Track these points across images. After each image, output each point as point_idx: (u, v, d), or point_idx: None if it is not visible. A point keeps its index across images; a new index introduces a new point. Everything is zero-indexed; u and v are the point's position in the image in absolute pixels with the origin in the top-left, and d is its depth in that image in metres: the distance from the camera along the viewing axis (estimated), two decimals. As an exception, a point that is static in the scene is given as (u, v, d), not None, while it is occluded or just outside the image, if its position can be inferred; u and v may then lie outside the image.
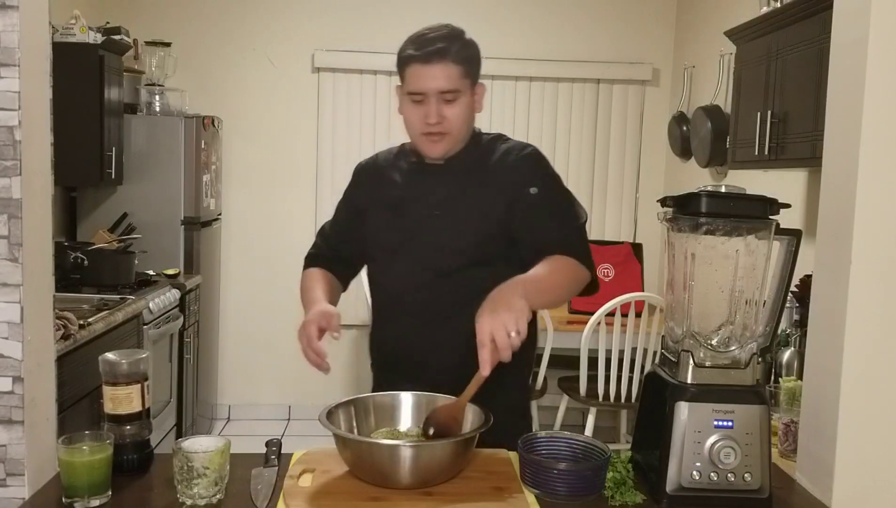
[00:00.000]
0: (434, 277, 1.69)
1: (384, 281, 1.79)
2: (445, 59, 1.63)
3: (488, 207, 1.70)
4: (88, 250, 3.50)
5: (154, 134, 4.08)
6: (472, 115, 1.73)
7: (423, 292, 1.70)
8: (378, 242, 1.78)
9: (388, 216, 1.76)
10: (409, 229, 1.73)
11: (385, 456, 1.31)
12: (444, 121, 1.65)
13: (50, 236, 1.45)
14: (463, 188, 1.72)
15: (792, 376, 2.46)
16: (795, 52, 2.67)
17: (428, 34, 1.66)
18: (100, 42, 3.61)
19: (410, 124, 1.70)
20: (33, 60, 1.36)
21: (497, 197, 1.70)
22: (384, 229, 1.77)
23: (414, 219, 1.73)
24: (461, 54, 1.66)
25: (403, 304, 1.74)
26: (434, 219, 1.71)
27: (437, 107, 1.65)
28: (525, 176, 1.72)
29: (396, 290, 1.75)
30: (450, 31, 1.69)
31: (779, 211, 1.39)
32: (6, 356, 1.32)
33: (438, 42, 1.64)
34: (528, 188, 1.70)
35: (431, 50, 1.63)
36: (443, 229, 1.70)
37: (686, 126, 4.31)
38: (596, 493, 1.34)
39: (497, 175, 1.72)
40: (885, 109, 1.35)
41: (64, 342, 2.54)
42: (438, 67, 1.63)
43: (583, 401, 3.70)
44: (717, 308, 1.41)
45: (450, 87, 1.64)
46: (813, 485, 1.45)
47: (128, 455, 1.39)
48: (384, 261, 1.78)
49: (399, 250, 1.74)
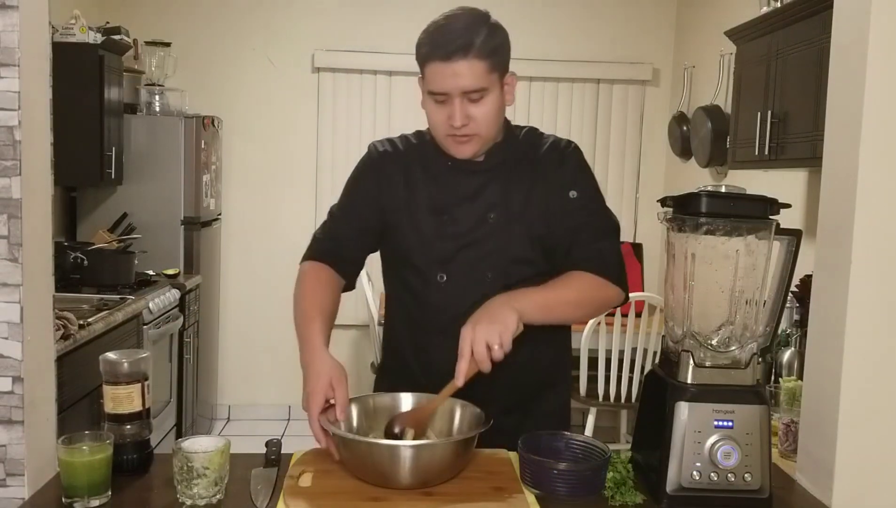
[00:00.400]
0: (501, 289, 1.50)
1: (431, 294, 1.60)
2: (469, 54, 1.46)
3: (545, 208, 1.58)
4: (88, 250, 3.50)
5: (154, 134, 4.08)
6: (503, 109, 1.57)
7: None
8: (425, 251, 1.60)
9: (437, 222, 1.59)
10: (463, 236, 1.58)
11: (385, 457, 1.31)
12: (470, 122, 1.51)
13: (50, 236, 1.44)
14: (514, 188, 1.59)
15: (792, 376, 2.46)
16: (795, 52, 2.67)
17: (448, 24, 1.49)
18: (100, 42, 3.61)
19: (434, 125, 1.56)
20: (33, 60, 1.36)
21: (550, 197, 1.59)
22: (433, 236, 1.59)
23: (468, 225, 1.58)
24: (487, 46, 1.47)
25: (458, 320, 1.44)
26: (492, 225, 1.58)
27: (462, 107, 1.49)
28: (566, 176, 1.61)
29: (448, 304, 1.57)
30: (472, 18, 1.51)
31: (779, 211, 1.39)
32: (6, 356, 1.32)
33: (460, 35, 1.46)
34: (567, 190, 1.59)
35: (452, 46, 1.46)
36: (503, 236, 1.57)
37: (686, 126, 4.31)
38: (596, 493, 1.34)
39: (545, 173, 1.60)
40: (885, 109, 1.35)
41: (64, 342, 2.54)
42: (462, 65, 1.46)
43: (583, 401, 3.70)
44: (717, 308, 1.40)
45: (475, 86, 1.48)
46: (813, 485, 1.45)
47: (128, 455, 1.39)
48: (431, 272, 1.59)
49: (452, 260, 1.58)
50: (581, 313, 1.59)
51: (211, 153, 4.34)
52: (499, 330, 1.35)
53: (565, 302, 1.53)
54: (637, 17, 4.81)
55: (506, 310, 1.39)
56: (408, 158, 1.66)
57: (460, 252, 1.58)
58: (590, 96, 4.80)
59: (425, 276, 1.60)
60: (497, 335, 1.35)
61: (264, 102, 4.73)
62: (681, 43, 4.76)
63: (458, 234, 1.58)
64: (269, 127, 4.72)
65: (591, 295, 1.56)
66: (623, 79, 4.78)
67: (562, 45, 4.77)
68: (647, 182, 4.88)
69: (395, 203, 1.63)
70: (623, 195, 4.87)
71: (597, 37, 4.79)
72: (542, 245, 1.59)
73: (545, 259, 1.59)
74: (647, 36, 4.82)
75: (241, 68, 4.70)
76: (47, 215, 1.43)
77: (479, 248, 1.58)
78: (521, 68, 5.21)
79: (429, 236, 1.59)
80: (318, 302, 1.57)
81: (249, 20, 4.68)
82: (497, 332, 1.35)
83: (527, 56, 4.70)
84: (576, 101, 4.80)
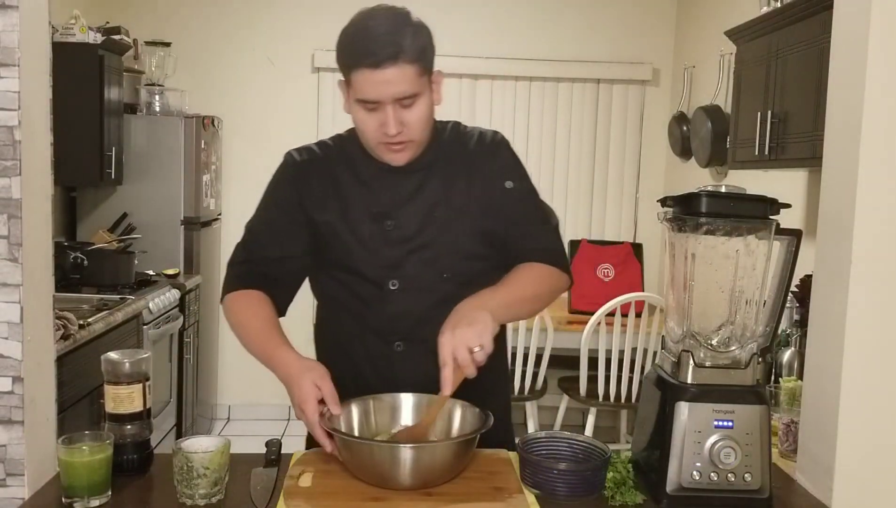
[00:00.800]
0: (457, 287, 1.49)
1: (386, 302, 1.53)
2: (399, 60, 1.39)
3: (486, 201, 1.55)
4: (88, 250, 3.50)
5: (154, 134, 4.08)
6: (433, 110, 1.51)
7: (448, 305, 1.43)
8: (373, 260, 1.53)
9: (380, 229, 1.53)
10: (411, 239, 1.52)
11: (386, 458, 1.30)
12: (405, 129, 1.45)
13: (50, 236, 1.44)
14: (453, 184, 1.55)
15: (792, 376, 2.46)
16: (795, 52, 2.67)
17: (372, 28, 1.41)
18: (100, 42, 3.61)
19: (365, 133, 1.48)
20: (33, 60, 1.36)
21: (489, 190, 1.55)
22: (379, 244, 1.52)
23: (415, 227, 1.53)
24: (414, 49, 1.41)
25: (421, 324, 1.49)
26: (439, 222, 1.53)
27: (395, 114, 1.43)
28: (500, 168, 1.58)
29: (407, 310, 1.53)
30: (395, 18, 1.43)
31: (779, 211, 1.39)
32: (6, 356, 1.32)
33: (387, 40, 1.39)
34: (503, 181, 1.56)
35: (382, 54, 1.38)
36: (452, 232, 1.53)
37: (686, 126, 4.31)
38: (596, 493, 1.34)
39: (480, 166, 1.56)
40: (885, 109, 1.35)
41: (64, 342, 2.54)
42: (393, 71, 1.39)
43: (583, 401, 3.70)
44: (717, 308, 1.41)
45: (408, 92, 1.42)
46: (813, 485, 1.45)
47: (128, 455, 1.39)
48: (382, 280, 1.53)
49: (403, 265, 1.52)
50: (539, 306, 1.59)
51: (211, 153, 4.34)
52: (479, 331, 1.34)
53: (525, 298, 1.52)
54: (637, 17, 4.81)
55: (480, 312, 1.38)
56: (332, 164, 1.58)
57: (411, 256, 1.52)
58: (590, 96, 4.80)
59: (376, 284, 1.53)
60: (477, 337, 1.34)
61: (264, 102, 4.73)
62: (681, 43, 4.76)
63: (406, 238, 1.53)
64: (269, 127, 4.72)
65: (546, 287, 1.56)
66: (623, 79, 4.78)
67: (562, 45, 4.77)
68: (647, 182, 4.88)
69: (326, 214, 1.55)
70: (623, 195, 4.87)
71: (597, 37, 4.79)
72: (490, 239, 1.56)
73: (496, 253, 1.57)
74: (647, 36, 4.82)
75: (241, 68, 4.70)
76: (47, 215, 1.43)
77: (430, 249, 1.53)
78: (521, 68, 5.21)
79: (373, 245, 1.53)
80: (264, 317, 1.52)
81: (249, 20, 4.68)
82: (477, 333, 1.34)
83: (527, 56, 4.71)
84: (576, 101, 4.80)
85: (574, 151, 4.82)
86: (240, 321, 1.54)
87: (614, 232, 4.83)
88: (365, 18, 1.44)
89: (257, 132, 4.72)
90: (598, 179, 4.85)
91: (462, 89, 4.71)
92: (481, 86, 4.74)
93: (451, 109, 4.65)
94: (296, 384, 1.41)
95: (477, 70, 4.67)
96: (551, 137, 4.80)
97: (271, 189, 1.62)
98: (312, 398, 1.38)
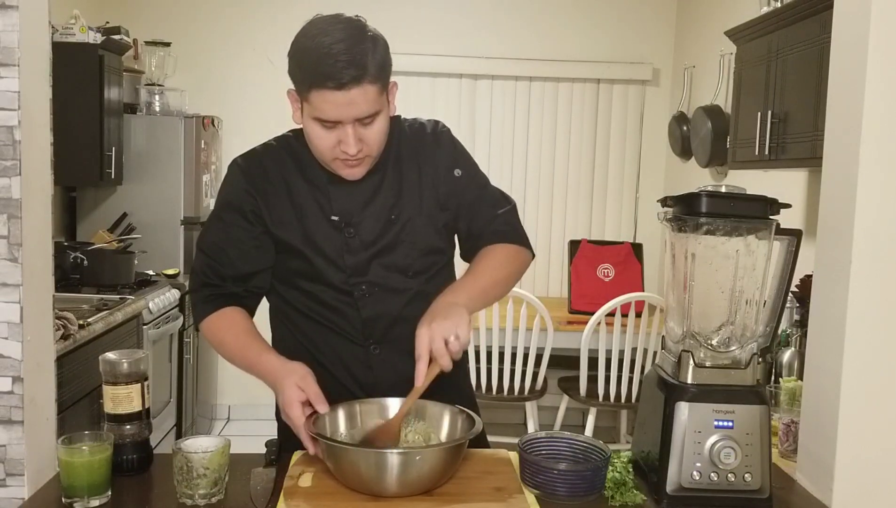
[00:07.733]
0: (424, 282, 1.54)
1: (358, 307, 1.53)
2: (363, 81, 1.35)
3: (438, 192, 1.56)
4: (88, 250, 3.50)
5: (154, 134, 4.08)
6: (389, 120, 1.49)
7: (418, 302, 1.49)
8: (337, 268, 1.51)
9: (340, 237, 1.51)
10: (373, 243, 1.52)
11: (372, 465, 1.27)
12: (363, 146, 1.43)
13: (50, 236, 1.44)
14: (404, 180, 1.54)
15: (792, 376, 2.46)
16: (795, 52, 2.67)
17: (332, 46, 1.34)
18: (100, 42, 3.61)
19: (320, 149, 1.44)
20: (33, 60, 1.36)
21: (439, 180, 1.56)
22: (341, 252, 1.51)
23: (375, 232, 1.52)
24: (374, 66, 1.37)
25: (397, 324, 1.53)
26: (398, 224, 1.53)
27: (354, 133, 1.40)
28: (447, 156, 1.58)
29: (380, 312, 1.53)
30: (353, 33, 1.38)
31: (779, 211, 1.39)
32: (6, 356, 1.32)
33: (350, 61, 1.34)
34: (451, 171, 1.56)
35: (346, 77, 1.34)
36: (411, 231, 1.53)
37: (686, 126, 4.30)
38: (596, 493, 1.34)
39: (426, 158, 1.56)
40: (885, 109, 1.35)
41: (64, 342, 2.54)
42: (356, 92, 1.35)
43: (583, 401, 3.70)
44: (717, 308, 1.41)
45: (371, 111, 1.39)
46: (813, 485, 1.45)
47: (128, 455, 1.39)
48: (349, 287, 1.52)
49: (368, 270, 1.52)
50: (510, 287, 1.61)
51: (211, 153, 4.33)
52: (454, 323, 1.36)
53: (497, 282, 1.55)
54: (637, 17, 4.81)
55: (455, 308, 1.40)
56: (281, 168, 1.55)
57: (374, 261, 1.52)
58: (590, 96, 4.80)
59: (344, 292, 1.53)
60: (453, 328, 1.35)
61: (264, 102, 4.71)
62: (681, 43, 4.76)
63: (367, 243, 1.52)
64: (269, 127, 4.66)
65: (514, 267, 1.59)
66: (623, 79, 4.78)
67: (562, 45, 4.77)
68: (647, 182, 4.88)
69: (284, 225, 1.52)
70: (623, 195, 4.87)
71: (597, 37, 4.78)
72: (451, 231, 1.61)
73: (452, 244, 1.62)
74: (647, 36, 4.82)
75: (241, 68, 4.69)
76: (47, 215, 1.43)
77: (392, 251, 1.53)
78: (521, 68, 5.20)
79: (335, 254, 1.51)
80: (242, 329, 1.51)
81: (249, 20, 4.68)
82: (453, 325, 1.36)
83: (527, 56, 4.71)
84: (576, 101, 4.80)
85: (574, 151, 4.82)
86: (220, 340, 1.53)
87: (614, 232, 4.83)
88: (321, 34, 1.37)
89: (257, 132, 4.69)
90: (598, 179, 4.84)
91: (462, 89, 4.71)
92: (481, 86, 4.74)
93: (451, 109, 4.67)
94: (279, 389, 1.41)
95: (477, 70, 4.67)
96: (551, 137, 4.80)
97: (224, 203, 1.57)
98: (296, 401, 1.37)
